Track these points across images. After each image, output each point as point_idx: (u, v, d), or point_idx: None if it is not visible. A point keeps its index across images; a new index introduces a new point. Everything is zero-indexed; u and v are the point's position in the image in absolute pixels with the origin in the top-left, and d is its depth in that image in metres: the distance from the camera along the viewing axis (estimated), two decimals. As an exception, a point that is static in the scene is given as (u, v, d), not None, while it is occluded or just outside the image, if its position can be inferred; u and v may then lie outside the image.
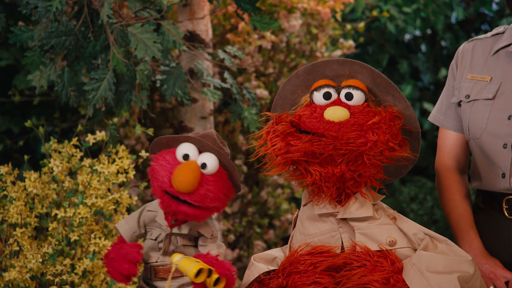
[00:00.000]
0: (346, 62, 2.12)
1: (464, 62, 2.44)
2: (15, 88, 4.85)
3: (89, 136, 2.95)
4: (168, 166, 2.17)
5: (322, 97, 2.10)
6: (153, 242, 2.27)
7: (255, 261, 2.18)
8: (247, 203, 4.57)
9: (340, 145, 2.00)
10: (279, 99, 2.22)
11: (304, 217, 2.16)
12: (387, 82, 2.10)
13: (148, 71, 3.33)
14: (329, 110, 2.07)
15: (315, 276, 2.04)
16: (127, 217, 2.32)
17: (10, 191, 2.78)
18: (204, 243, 2.26)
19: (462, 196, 2.44)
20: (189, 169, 2.14)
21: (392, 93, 2.10)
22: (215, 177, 2.19)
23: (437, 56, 6.60)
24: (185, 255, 2.21)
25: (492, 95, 2.34)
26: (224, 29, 4.40)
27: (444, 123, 2.48)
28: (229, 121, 4.47)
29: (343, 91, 2.10)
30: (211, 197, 2.16)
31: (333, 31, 4.74)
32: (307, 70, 2.16)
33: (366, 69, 2.11)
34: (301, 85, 2.17)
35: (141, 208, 2.31)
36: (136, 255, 2.22)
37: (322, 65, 2.14)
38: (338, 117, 2.05)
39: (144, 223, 2.30)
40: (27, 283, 2.65)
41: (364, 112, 2.07)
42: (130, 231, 2.29)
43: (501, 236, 2.34)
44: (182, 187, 2.13)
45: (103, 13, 2.95)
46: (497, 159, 2.31)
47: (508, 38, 2.38)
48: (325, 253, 2.07)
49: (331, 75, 2.14)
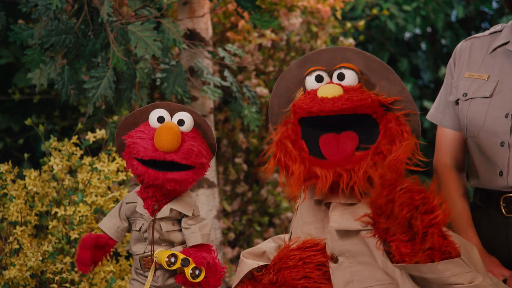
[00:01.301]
0: (338, 49, 2.08)
1: (462, 60, 2.44)
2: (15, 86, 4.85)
3: (89, 134, 2.95)
4: (146, 135, 2.17)
5: (314, 80, 2.05)
6: (138, 234, 2.26)
7: (244, 257, 2.17)
8: (247, 201, 4.57)
9: (358, 180, 1.97)
10: (274, 98, 2.18)
11: (303, 206, 2.16)
12: (381, 65, 2.05)
13: (148, 69, 3.33)
14: (322, 87, 2.02)
15: (305, 271, 2.04)
16: (107, 214, 2.31)
17: (10, 189, 2.78)
18: (187, 225, 2.24)
19: (460, 194, 2.44)
20: (169, 128, 2.15)
21: (387, 77, 2.05)
22: (192, 134, 2.20)
23: (437, 54, 6.60)
24: (171, 241, 2.23)
25: (490, 93, 2.34)
26: (224, 27, 4.40)
27: (442, 121, 2.48)
28: (229, 119, 4.47)
29: (335, 73, 2.06)
30: (196, 152, 2.17)
31: (333, 29, 4.74)
32: (299, 63, 2.11)
33: (359, 54, 2.06)
34: (295, 79, 2.12)
35: (120, 203, 2.29)
36: (88, 237, 2.24)
37: (314, 55, 2.10)
38: (331, 92, 1.99)
39: (126, 216, 2.28)
40: (27, 281, 2.65)
41: (358, 91, 2.02)
42: (114, 227, 2.27)
43: (498, 234, 2.34)
44: (167, 145, 2.13)
45: (103, 11, 2.95)
46: (495, 157, 2.31)
47: (505, 36, 2.38)
48: (313, 247, 2.06)
49: (324, 64, 2.09)
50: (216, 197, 3.84)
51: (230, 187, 4.56)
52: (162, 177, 2.15)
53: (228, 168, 4.51)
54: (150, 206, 2.23)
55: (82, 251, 2.24)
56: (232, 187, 4.56)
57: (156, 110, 2.21)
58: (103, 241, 2.27)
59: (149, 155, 2.14)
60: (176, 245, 2.25)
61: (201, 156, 2.19)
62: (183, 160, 2.15)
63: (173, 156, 2.14)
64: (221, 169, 4.51)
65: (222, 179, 4.53)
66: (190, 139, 2.18)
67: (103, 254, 2.29)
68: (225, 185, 4.55)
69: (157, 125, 2.18)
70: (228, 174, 4.51)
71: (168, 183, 2.16)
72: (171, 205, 2.23)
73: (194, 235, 2.23)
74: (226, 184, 4.55)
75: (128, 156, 2.20)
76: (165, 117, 2.19)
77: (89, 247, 2.24)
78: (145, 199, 2.24)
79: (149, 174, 2.16)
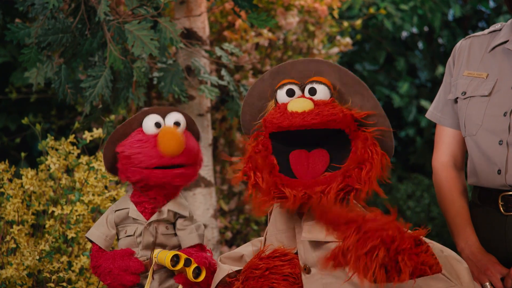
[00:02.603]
0: (312, 61, 2.04)
1: (461, 59, 2.45)
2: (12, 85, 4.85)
3: (86, 134, 2.95)
4: (146, 143, 2.16)
5: (285, 94, 2.02)
6: (131, 239, 2.24)
7: (221, 261, 2.16)
8: (244, 200, 4.57)
9: (329, 201, 1.94)
10: (246, 106, 2.14)
11: (277, 211, 2.14)
12: (355, 80, 2.01)
13: (145, 69, 3.33)
14: (292, 102, 1.99)
15: (271, 281, 2.01)
16: (94, 224, 2.28)
17: (7, 188, 2.78)
18: (183, 226, 2.24)
19: (459, 192, 2.45)
20: (172, 132, 2.15)
21: (361, 92, 2.02)
22: (186, 133, 2.21)
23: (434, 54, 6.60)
24: (164, 245, 2.22)
25: (488, 92, 2.35)
26: (221, 26, 4.40)
27: (441, 119, 2.49)
28: (226, 119, 4.47)
29: (307, 87, 2.02)
30: (195, 151, 2.19)
31: (330, 29, 4.74)
32: (272, 73, 2.07)
33: (333, 67, 2.02)
34: (267, 89, 2.08)
35: (106, 213, 2.27)
36: (138, 265, 2.21)
37: (288, 66, 2.06)
38: (301, 106, 1.96)
39: (115, 223, 2.26)
40: (24, 281, 2.65)
41: (330, 106, 1.98)
42: (102, 236, 2.25)
43: (497, 232, 2.35)
44: (175, 149, 2.14)
45: (100, 10, 2.95)
46: (493, 156, 2.31)
47: (504, 35, 2.38)
48: (282, 257, 2.04)
49: (297, 77, 2.05)
50: (213, 196, 3.84)
51: (227, 186, 4.56)
52: (170, 173, 2.16)
53: (225, 167, 4.51)
54: (147, 209, 2.23)
55: (133, 277, 2.23)
56: (229, 186, 4.56)
57: (149, 116, 2.20)
58: (143, 268, 2.26)
59: (156, 162, 2.14)
60: (169, 249, 2.25)
61: (199, 152, 2.22)
62: (189, 160, 2.17)
63: (180, 159, 2.15)
64: (218, 168, 4.51)
65: (219, 178, 4.54)
66: (188, 139, 2.19)
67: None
68: (222, 184, 4.55)
69: (154, 130, 2.18)
70: (225, 173, 4.51)
71: (175, 179, 2.17)
72: (169, 206, 2.23)
73: (192, 235, 2.23)
74: (223, 183, 4.55)
75: (126, 168, 2.18)
76: (161, 122, 2.19)
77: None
78: (140, 203, 2.23)
79: (156, 174, 2.16)
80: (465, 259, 2.36)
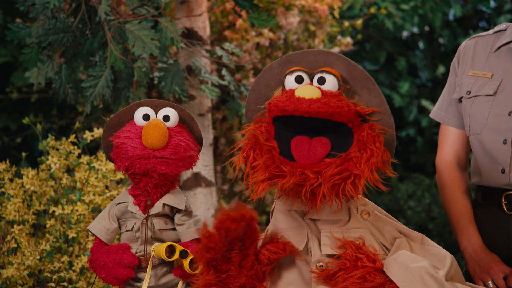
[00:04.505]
0: (322, 52, 2.04)
1: (466, 58, 2.45)
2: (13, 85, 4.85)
3: (87, 133, 2.95)
4: (133, 134, 2.19)
5: (294, 80, 2.01)
6: (130, 234, 2.25)
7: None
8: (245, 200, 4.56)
9: (324, 182, 1.94)
10: (252, 94, 2.14)
11: (277, 210, 2.14)
12: (363, 74, 2.02)
13: (146, 68, 3.33)
14: (300, 88, 1.98)
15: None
16: (97, 217, 2.30)
17: (7, 188, 2.78)
18: (181, 221, 2.25)
19: (462, 192, 2.45)
20: (155, 125, 2.17)
21: (368, 87, 2.02)
22: (178, 128, 2.22)
23: (434, 53, 6.60)
24: (163, 240, 2.23)
25: (493, 91, 2.35)
26: (222, 26, 4.40)
27: (445, 119, 2.49)
28: (227, 118, 4.47)
29: (316, 76, 2.02)
30: (184, 147, 2.19)
31: (331, 28, 4.74)
32: (281, 62, 2.07)
33: (342, 60, 2.02)
34: (275, 78, 2.09)
35: (109, 205, 2.29)
36: (132, 259, 2.21)
37: (297, 56, 2.06)
38: (309, 93, 1.95)
39: (117, 217, 2.28)
40: (25, 280, 2.65)
41: (337, 98, 1.98)
42: (103, 229, 2.26)
43: (500, 231, 2.35)
44: (155, 142, 2.15)
45: (101, 10, 2.95)
46: (497, 155, 2.32)
47: (510, 35, 2.39)
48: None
49: (307, 66, 2.05)
50: (214, 196, 3.84)
51: (227, 186, 4.56)
52: (153, 162, 2.16)
53: (225, 167, 4.51)
54: (142, 202, 2.24)
55: (127, 270, 2.23)
56: (230, 186, 4.56)
57: (140, 108, 2.22)
58: (136, 261, 2.26)
59: (138, 153, 2.16)
60: None
61: (190, 150, 2.21)
62: (172, 155, 2.17)
63: (162, 153, 2.17)
64: (218, 168, 4.51)
65: (220, 178, 4.53)
66: (177, 134, 2.21)
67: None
68: (223, 184, 4.55)
69: (143, 123, 2.20)
70: (225, 173, 4.51)
71: (158, 166, 2.17)
72: (163, 200, 2.24)
73: (190, 230, 2.23)
74: (224, 183, 4.55)
75: (117, 156, 2.21)
76: (150, 115, 2.21)
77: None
78: (135, 196, 2.24)
79: (140, 163, 2.17)
80: (467, 258, 2.36)
